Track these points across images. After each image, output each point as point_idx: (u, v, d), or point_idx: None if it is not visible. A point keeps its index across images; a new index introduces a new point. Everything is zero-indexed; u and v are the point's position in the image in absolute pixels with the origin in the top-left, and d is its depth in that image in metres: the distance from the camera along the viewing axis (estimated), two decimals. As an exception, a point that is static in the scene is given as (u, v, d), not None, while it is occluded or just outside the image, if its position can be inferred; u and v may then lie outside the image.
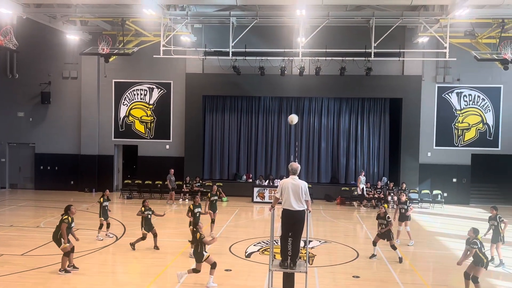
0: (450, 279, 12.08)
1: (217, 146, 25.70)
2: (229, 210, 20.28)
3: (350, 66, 21.15)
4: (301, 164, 24.89)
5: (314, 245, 14.91)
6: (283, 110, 25.46)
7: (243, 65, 21.96)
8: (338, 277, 11.79)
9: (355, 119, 25.25)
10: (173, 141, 25.14)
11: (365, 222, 19.07)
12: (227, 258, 13.31)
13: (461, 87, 23.83)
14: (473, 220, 19.22)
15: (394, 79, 23.59)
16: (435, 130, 24.06)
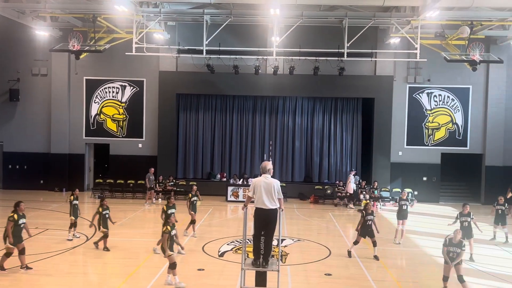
0: (420, 276, 12.31)
1: (191, 145, 25.55)
2: (203, 209, 20.18)
3: (323, 66, 21.31)
4: (275, 163, 25.04)
5: (287, 244, 14.98)
6: (257, 109, 25.49)
7: (217, 63, 21.88)
8: (310, 275, 11.87)
9: (329, 118, 25.47)
10: (146, 140, 24.88)
11: (338, 221, 19.24)
12: (200, 257, 13.26)
13: (432, 88, 24.30)
14: (443, 218, 19.58)
15: (366, 79, 23.90)
16: (406, 130, 24.47)
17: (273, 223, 8.29)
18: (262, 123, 25.50)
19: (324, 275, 11.89)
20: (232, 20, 19.32)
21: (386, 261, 13.44)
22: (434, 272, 12.57)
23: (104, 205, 13.93)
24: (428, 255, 14.22)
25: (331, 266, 12.65)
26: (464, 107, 24.29)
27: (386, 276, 12.03)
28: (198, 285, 11.00)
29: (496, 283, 11.69)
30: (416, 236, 16.76)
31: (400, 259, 14.21)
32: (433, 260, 13.67)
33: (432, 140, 24.50)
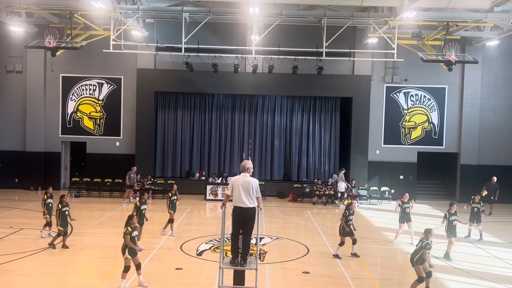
0: (396, 273, 12.48)
1: (169, 143, 25.38)
2: (182, 208, 20.06)
3: (302, 65, 21.39)
4: (254, 162, 25.06)
5: (265, 242, 15.01)
6: (236, 108, 25.46)
7: (196, 61, 21.77)
8: (288, 273, 11.93)
9: (307, 117, 25.59)
10: (124, 138, 24.62)
11: (316, 219, 19.36)
12: (178, 256, 13.20)
13: (408, 87, 24.63)
14: (420, 216, 19.88)
15: (344, 78, 24.09)
16: (383, 129, 24.76)
17: (251, 222, 8.30)
18: (241, 121, 25.49)
19: (302, 273, 11.96)
20: (211, 18, 19.28)
21: (364, 259, 13.58)
22: (410, 269, 12.76)
23: (63, 201, 13.86)
24: (404, 253, 14.41)
25: (309, 264, 12.73)
26: (440, 106, 24.69)
27: (364, 274, 12.16)
28: (176, 285, 10.94)
29: (471, 280, 11.91)
30: (392, 234, 16.94)
31: (377, 257, 14.36)
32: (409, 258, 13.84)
33: (409, 139, 24.84)
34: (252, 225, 8.37)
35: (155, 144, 25.14)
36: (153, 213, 19.20)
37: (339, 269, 12.46)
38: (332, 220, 19.35)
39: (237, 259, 8.45)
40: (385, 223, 19.40)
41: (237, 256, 8.42)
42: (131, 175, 22.00)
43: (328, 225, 18.20)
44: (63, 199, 13.88)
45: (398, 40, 18.87)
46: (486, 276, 12.14)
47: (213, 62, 21.44)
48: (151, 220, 17.58)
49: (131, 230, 10.55)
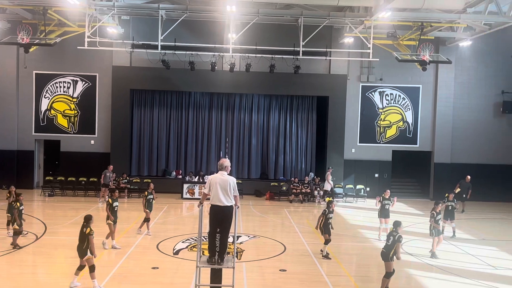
0: (372, 270, 12.64)
1: (145, 142, 25.14)
2: (158, 207, 19.89)
3: (279, 64, 21.44)
4: (231, 160, 24.93)
5: (243, 240, 15.02)
6: (213, 106, 25.38)
7: (173, 59, 21.62)
8: (265, 271, 11.97)
9: (284, 116, 25.69)
10: (99, 136, 24.28)
11: (293, 217, 19.46)
12: (155, 255, 13.10)
13: (384, 87, 24.95)
14: (393, 213, 20.10)
15: (321, 77, 24.26)
16: (359, 127, 25.03)
17: (228, 220, 8.30)
18: (218, 120, 25.43)
19: (278, 271, 12.01)
20: (188, 16, 19.14)
21: (340, 256, 13.73)
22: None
23: (20, 200, 13.79)
24: (379, 250, 14.56)
25: (286, 262, 12.79)
26: (415, 106, 25.08)
27: (340, 271, 12.29)
28: (153, 284, 10.86)
29: (444, 276, 12.15)
30: (368, 231, 17.20)
31: (353, 254, 14.54)
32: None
33: (384, 137, 25.17)
34: (229, 224, 8.37)
35: (131, 143, 24.88)
36: (129, 212, 19.05)
37: (315, 266, 12.56)
38: (309, 218, 19.50)
39: (214, 257, 8.43)
40: (361, 220, 19.65)
41: (214, 255, 8.41)
42: (106, 174, 21.73)
43: (305, 223, 18.32)
44: (19, 198, 13.85)
45: (373, 40, 19.08)
46: (459, 272, 12.40)
47: (190, 60, 21.31)
48: (127, 219, 17.47)
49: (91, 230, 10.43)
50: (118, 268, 11.84)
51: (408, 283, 11.33)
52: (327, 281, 11.38)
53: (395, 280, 11.55)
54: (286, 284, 11.06)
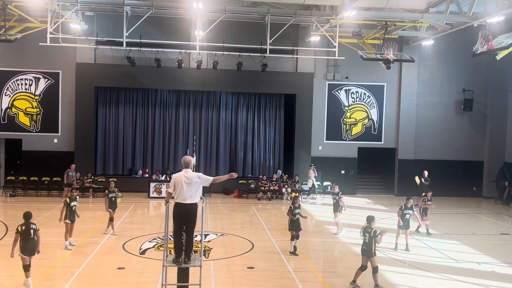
0: (338, 265, 12.82)
1: (110, 140, 24.70)
2: (124, 206, 19.63)
3: (247, 62, 21.44)
4: (199, 158, 24.92)
5: (210, 239, 14.97)
6: (181, 104, 25.16)
7: (138, 56, 21.33)
8: (233, 269, 11.97)
9: (252, 113, 25.72)
10: (62, 135, 23.72)
11: (261, 214, 19.51)
12: (120, 255, 12.90)
13: (349, 85, 25.30)
14: (360, 209, 20.49)
15: (288, 75, 24.40)
16: (325, 125, 25.32)
17: (193, 219, 8.24)
18: (185, 117, 25.23)
19: (246, 268, 12.03)
20: (154, 12, 18.89)
21: (307, 252, 13.87)
22: (351, 261, 13.16)
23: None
24: (345, 246, 14.83)
25: (254, 260, 12.82)
26: (379, 103, 25.55)
27: (307, 267, 12.40)
28: (118, 284, 10.70)
29: (408, 270, 12.43)
30: (334, 227, 17.39)
31: (319, 250, 14.70)
32: (350, 250, 14.29)
33: (350, 135, 25.54)
34: (195, 222, 8.32)
35: (96, 141, 24.40)
36: (94, 212, 18.72)
37: (283, 263, 12.63)
38: (277, 215, 19.59)
39: (180, 256, 8.36)
40: (327, 217, 19.84)
41: (180, 254, 8.34)
42: (69, 173, 21.26)
43: (273, 220, 18.40)
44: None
45: (339, 38, 19.32)
46: (423, 266, 12.71)
47: (156, 57, 21.06)
48: (92, 219, 17.15)
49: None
50: (83, 269, 11.61)
51: (370, 277, 11.48)
52: (294, 277, 11.46)
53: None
54: (254, 281, 11.09)
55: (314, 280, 11.45)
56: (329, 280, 11.51)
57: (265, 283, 11.02)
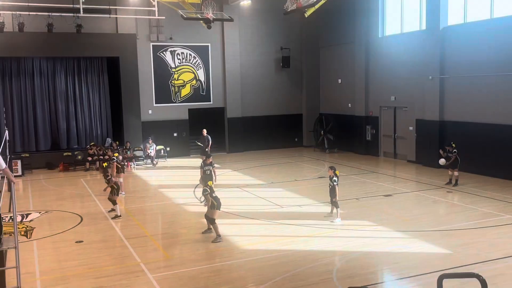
0: (173, 226, 12.85)
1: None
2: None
3: (58, 23, 19.62)
4: (15, 133, 22.58)
5: (33, 218, 13.76)
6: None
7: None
8: (59, 246, 11.18)
9: (72, 79, 23.87)
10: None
11: (90, 186, 18.52)
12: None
13: (174, 46, 25.00)
14: (193, 169, 20.74)
15: (108, 37, 23.06)
16: (153, 88, 24.80)
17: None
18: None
19: (75, 243, 11.35)
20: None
21: (142, 217, 13.65)
22: (186, 219, 13.35)
23: None
24: (179, 206, 14.94)
25: (83, 233, 12.15)
26: (205, 64, 25.83)
27: (140, 233, 12.18)
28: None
29: (237, 220, 13.04)
30: (169, 189, 17.42)
31: (154, 214, 14.57)
32: (184, 210, 14.46)
33: (179, 97, 25.47)
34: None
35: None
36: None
37: (115, 232, 12.23)
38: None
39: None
40: (163, 180, 19.80)
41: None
42: None
43: (102, 191, 17.60)
44: None
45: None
46: (251, 215, 13.44)
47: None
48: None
49: None
50: None
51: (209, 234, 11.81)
52: (126, 244, 11.17)
53: (192, 231, 12.00)
54: (83, 255, 10.51)
55: (147, 244, 11.31)
56: (162, 242, 11.53)
57: (95, 254, 10.54)
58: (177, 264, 9.93)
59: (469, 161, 18.15)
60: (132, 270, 9.52)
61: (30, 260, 10.16)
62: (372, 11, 23.55)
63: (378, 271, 9.61)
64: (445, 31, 19.46)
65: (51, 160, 22.49)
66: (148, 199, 16.18)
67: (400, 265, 9.52)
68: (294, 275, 9.07)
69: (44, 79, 23.28)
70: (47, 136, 23.61)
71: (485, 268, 8.95)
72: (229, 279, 9.04)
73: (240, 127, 26.35)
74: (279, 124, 27.32)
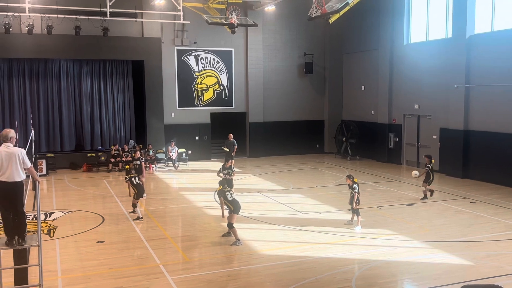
0: (193, 229, 12.92)
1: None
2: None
3: (86, 26, 19.98)
4: (40, 133, 23.00)
5: (56, 217, 14.00)
6: (14, 73, 22.64)
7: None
8: (81, 245, 11.36)
9: (98, 82, 24.25)
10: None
11: (112, 187, 18.77)
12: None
13: (198, 50, 25.20)
14: (215, 173, 20.79)
15: (134, 40, 23.37)
16: (177, 92, 25.02)
17: (17, 197, 7.48)
18: (20, 89, 22.82)
19: (96, 243, 11.51)
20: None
21: (161, 219, 13.77)
22: (205, 223, 13.41)
23: None
24: (199, 209, 15.02)
25: (104, 233, 12.32)
26: (228, 69, 25.95)
27: (160, 234, 12.29)
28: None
29: (256, 225, 13.04)
30: (190, 192, 17.54)
31: (174, 216, 14.68)
32: (204, 213, 14.53)
33: (202, 101, 25.64)
34: (20, 200, 7.58)
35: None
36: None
37: (135, 233, 12.35)
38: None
39: (14, 238, 7.62)
40: (183, 183, 19.93)
41: (13, 236, 7.59)
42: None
43: (125, 192, 17.79)
44: None
45: (183, 2, 18.98)
46: (270, 220, 13.43)
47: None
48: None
49: None
50: None
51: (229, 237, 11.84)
52: (147, 245, 11.29)
53: (212, 234, 12.06)
54: (104, 255, 10.67)
55: (168, 246, 11.39)
56: (183, 244, 11.60)
57: (115, 254, 10.67)
58: (196, 266, 9.98)
59: (494, 172, 17.82)
60: (152, 271, 9.60)
61: (52, 259, 10.33)
62: (397, 18, 23.37)
63: (398, 280, 9.48)
64: (472, 39, 19.17)
65: (75, 161, 22.88)
66: (169, 201, 16.31)
67: (421, 275, 9.38)
68: (312, 282, 9.02)
69: (70, 80, 23.72)
70: (71, 137, 24.02)
71: (508, 281, 8.76)
72: (247, 284, 9.04)
73: (261, 132, 26.37)
74: (300, 130, 27.26)
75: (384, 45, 24.09)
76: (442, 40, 21.00)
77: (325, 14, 15.35)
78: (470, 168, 19.49)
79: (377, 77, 24.81)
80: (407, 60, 23.01)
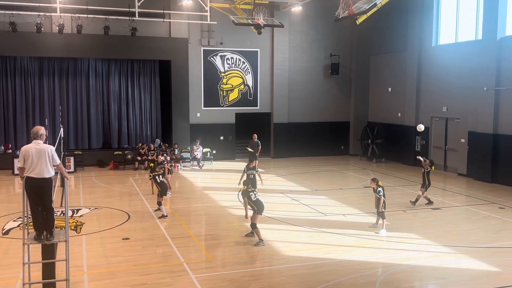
0: (217, 228, 13.01)
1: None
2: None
3: (114, 26, 20.30)
4: (69, 130, 23.49)
5: (83, 213, 14.27)
6: (44, 72, 23.20)
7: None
8: (107, 242, 11.55)
9: (125, 81, 24.63)
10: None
11: (138, 185, 19.01)
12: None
13: (224, 51, 25.31)
14: (238, 173, 20.86)
15: (161, 40, 23.62)
16: (203, 92, 25.19)
17: (47, 193, 7.66)
18: (50, 87, 23.36)
19: (121, 240, 11.69)
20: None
21: (186, 218, 13.88)
22: (229, 222, 13.47)
23: None
24: (223, 208, 15.09)
25: (129, 230, 12.50)
26: (254, 69, 25.99)
27: (184, 233, 12.40)
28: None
29: (280, 226, 13.03)
30: (214, 192, 17.64)
31: (198, 215, 14.79)
32: (228, 212, 14.59)
33: (227, 101, 25.74)
34: (50, 196, 7.76)
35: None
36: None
37: (160, 231, 12.48)
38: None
39: (42, 233, 7.81)
40: (207, 183, 20.05)
41: (42, 231, 7.78)
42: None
43: (150, 190, 18.01)
44: None
45: (210, 3, 19.10)
46: (294, 221, 13.40)
47: (10, 20, 19.02)
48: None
49: None
50: None
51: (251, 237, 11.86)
52: (171, 243, 11.40)
53: (235, 234, 12.10)
54: (128, 251, 10.82)
55: (191, 244, 11.49)
56: (206, 243, 11.67)
57: (140, 251, 10.81)
58: (218, 266, 10.03)
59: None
60: (176, 269, 9.70)
61: (78, 254, 10.53)
62: (426, 19, 23.01)
63: (423, 285, 9.34)
64: (503, 41, 18.74)
65: (102, 158, 23.26)
66: (193, 200, 16.44)
67: (446, 281, 9.22)
68: (335, 284, 8.97)
69: (99, 79, 24.14)
70: (99, 135, 24.45)
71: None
72: (270, 285, 9.04)
73: (286, 132, 26.32)
74: (325, 131, 27.09)
75: (412, 47, 23.76)
76: (472, 42, 20.59)
77: (352, 15, 15.22)
78: (499, 173, 19.05)
79: (404, 79, 24.48)
80: (435, 62, 22.63)
